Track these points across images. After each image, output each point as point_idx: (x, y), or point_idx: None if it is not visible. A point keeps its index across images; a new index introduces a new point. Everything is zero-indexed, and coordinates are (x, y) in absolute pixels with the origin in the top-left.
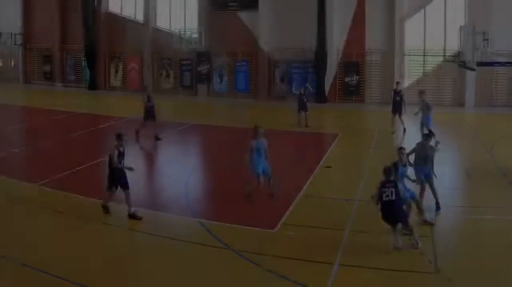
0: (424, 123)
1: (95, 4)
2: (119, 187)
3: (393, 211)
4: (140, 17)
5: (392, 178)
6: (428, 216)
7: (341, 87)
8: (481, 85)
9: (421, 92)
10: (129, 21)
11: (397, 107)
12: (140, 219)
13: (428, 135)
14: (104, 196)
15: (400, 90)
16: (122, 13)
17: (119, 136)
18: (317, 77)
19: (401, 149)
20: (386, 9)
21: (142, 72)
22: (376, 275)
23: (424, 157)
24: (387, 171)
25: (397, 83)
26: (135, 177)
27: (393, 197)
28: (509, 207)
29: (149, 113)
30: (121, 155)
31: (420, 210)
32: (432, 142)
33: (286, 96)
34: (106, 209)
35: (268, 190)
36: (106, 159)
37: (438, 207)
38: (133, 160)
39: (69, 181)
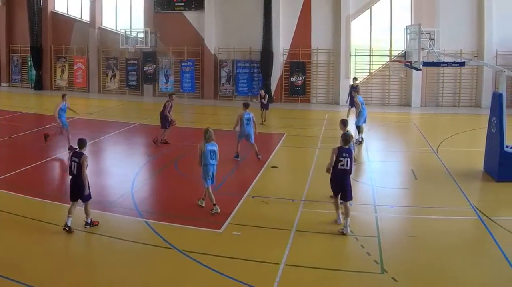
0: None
1: (41, 4)
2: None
3: (344, 180)
4: (86, 17)
5: (348, 147)
6: None
7: (287, 87)
8: (428, 86)
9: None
10: (75, 21)
11: (353, 102)
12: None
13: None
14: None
15: (357, 85)
16: (68, 13)
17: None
18: (263, 77)
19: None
20: (332, 9)
21: (88, 72)
22: (322, 275)
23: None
24: (347, 139)
25: (354, 79)
26: None
27: (347, 167)
28: (454, 207)
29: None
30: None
31: None
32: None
33: (232, 96)
34: None
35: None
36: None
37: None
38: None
39: (14, 182)
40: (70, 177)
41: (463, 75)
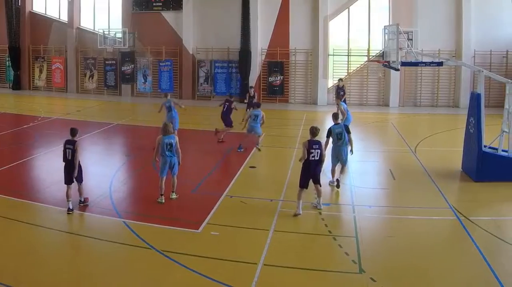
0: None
1: (19, 4)
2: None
3: (316, 169)
4: (64, 17)
5: (317, 138)
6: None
7: (265, 87)
8: (406, 86)
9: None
10: (53, 21)
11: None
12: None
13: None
14: None
15: (343, 86)
16: (46, 13)
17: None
18: (241, 77)
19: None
20: (310, 9)
21: (66, 72)
22: (300, 275)
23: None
24: (314, 132)
25: (340, 80)
26: (60, 176)
27: (318, 157)
28: (432, 207)
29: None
30: None
31: None
32: None
33: (210, 96)
34: None
35: (169, 190)
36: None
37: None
38: (58, 159)
39: None
40: (64, 163)
41: (441, 75)
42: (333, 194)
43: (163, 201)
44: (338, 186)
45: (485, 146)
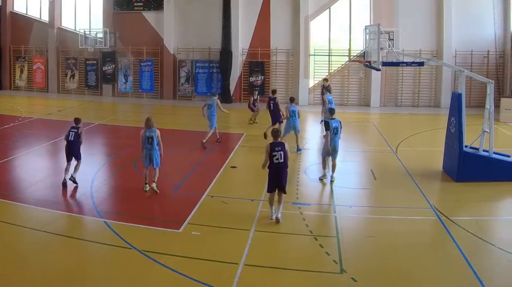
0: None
1: (0, 4)
2: None
3: (282, 173)
4: (45, 17)
5: (280, 140)
6: None
7: (246, 87)
8: (387, 86)
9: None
10: (34, 21)
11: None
12: None
13: None
14: None
15: (328, 85)
16: (27, 13)
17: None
18: (222, 77)
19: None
20: (291, 9)
21: (48, 72)
22: (281, 275)
23: None
24: (275, 134)
25: (325, 80)
26: (41, 176)
27: (282, 160)
28: (413, 207)
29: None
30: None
31: None
32: None
33: (191, 96)
34: None
35: (151, 180)
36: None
37: None
38: (39, 159)
39: None
40: (66, 142)
41: (422, 75)
42: (314, 194)
43: (147, 189)
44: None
45: (466, 146)
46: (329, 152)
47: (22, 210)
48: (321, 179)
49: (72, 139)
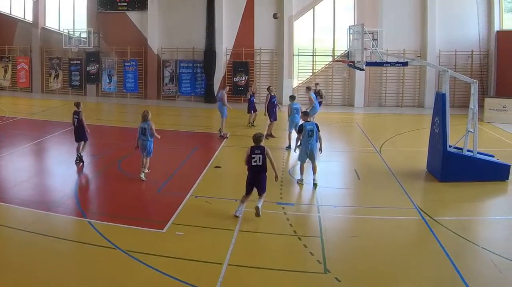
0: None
1: None
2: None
3: (259, 176)
4: (29, 17)
5: (261, 144)
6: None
7: (230, 87)
8: (371, 86)
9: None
10: (18, 21)
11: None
12: None
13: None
14: None
15: (319, 90)
16: (11, 13)
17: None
18: (206, 78)
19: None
20: (275, 9)
21: (31, 72)
22: (265, 275)
23: None
24: (256, 138)
25: (316, 84)
26: (25, 176)
27: (260, 163)
28: (397, 207)
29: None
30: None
31: None
32: None
33: (175, 96)
34: None
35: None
36: None
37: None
38: (23, 159)
39: None
40: (73, 127)
41: (406, 75)
42: (297, 194)
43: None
44: (315, 186)
45: (450, 146)
46: (305, 157)
47: (6, 210)
48: (299, 183)
49: (77, 124)
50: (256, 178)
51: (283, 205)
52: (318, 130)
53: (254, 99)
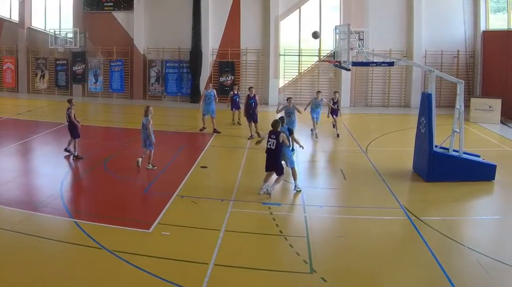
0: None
1: None
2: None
3: (273, 158)
4: (15, 17)
5: (278, 130)
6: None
7: (216, 87)
8: (357, 86)
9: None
10: (4, 21)
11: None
12: None
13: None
14: None
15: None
16: None
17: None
18: (192, 77)
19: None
20: (261, 9)
21: (18, 72)
22: (251, 275)
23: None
24: (272, 124)
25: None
26: (11, 177)
27: (273, 147)
28: (383, 207)
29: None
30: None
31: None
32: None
33: (161, 96)
34: None
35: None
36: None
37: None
38: (9, 159)
39: None
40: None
41: (392, 75)
42: (283, 194)
43: (150, 167)
44: (268, 193)
45: (436, 146)
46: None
47: None
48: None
49: (68, 120)
50: (271, 161)
51: (269, 205)
52: (291, 134)
53: (238, 99)
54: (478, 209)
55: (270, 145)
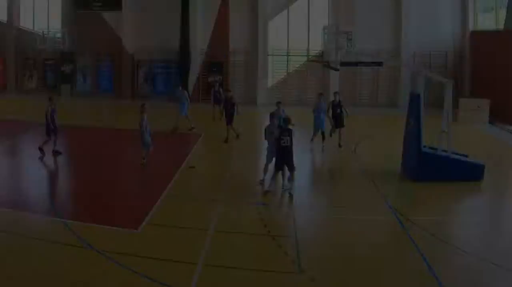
0: None
1: None
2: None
3: (288, 156)
4: (3, 17)
5: (289, 127)
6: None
7: (204, 87)
8: (345, 86)
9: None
10: None
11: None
12: None
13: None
14: None
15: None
16: None
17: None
18: (181, 77)
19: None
20: (250, 9)
21: (6, 72)
22: (240, 274)
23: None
24: (285, 121)
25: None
26: None
27: (288, 143)
28: (370, 207)
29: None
30: None
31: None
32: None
33: (150, 96)
34: None
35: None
36: None
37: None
38: None
39: None
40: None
41: (381, 75)
42: (272, 194)
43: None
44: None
45: (424, 146)
46: (270, 158)
47: None
48: (261, 183)
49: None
50: (286, 158)
51: (258, 205)
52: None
53: (219, 95)
54: (466, 208)
55: (284, 142)
